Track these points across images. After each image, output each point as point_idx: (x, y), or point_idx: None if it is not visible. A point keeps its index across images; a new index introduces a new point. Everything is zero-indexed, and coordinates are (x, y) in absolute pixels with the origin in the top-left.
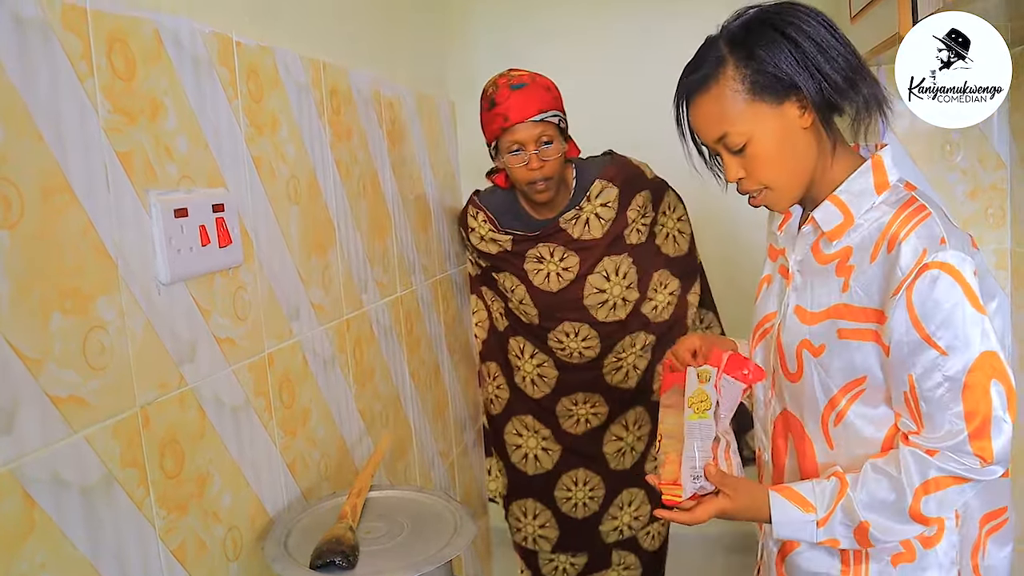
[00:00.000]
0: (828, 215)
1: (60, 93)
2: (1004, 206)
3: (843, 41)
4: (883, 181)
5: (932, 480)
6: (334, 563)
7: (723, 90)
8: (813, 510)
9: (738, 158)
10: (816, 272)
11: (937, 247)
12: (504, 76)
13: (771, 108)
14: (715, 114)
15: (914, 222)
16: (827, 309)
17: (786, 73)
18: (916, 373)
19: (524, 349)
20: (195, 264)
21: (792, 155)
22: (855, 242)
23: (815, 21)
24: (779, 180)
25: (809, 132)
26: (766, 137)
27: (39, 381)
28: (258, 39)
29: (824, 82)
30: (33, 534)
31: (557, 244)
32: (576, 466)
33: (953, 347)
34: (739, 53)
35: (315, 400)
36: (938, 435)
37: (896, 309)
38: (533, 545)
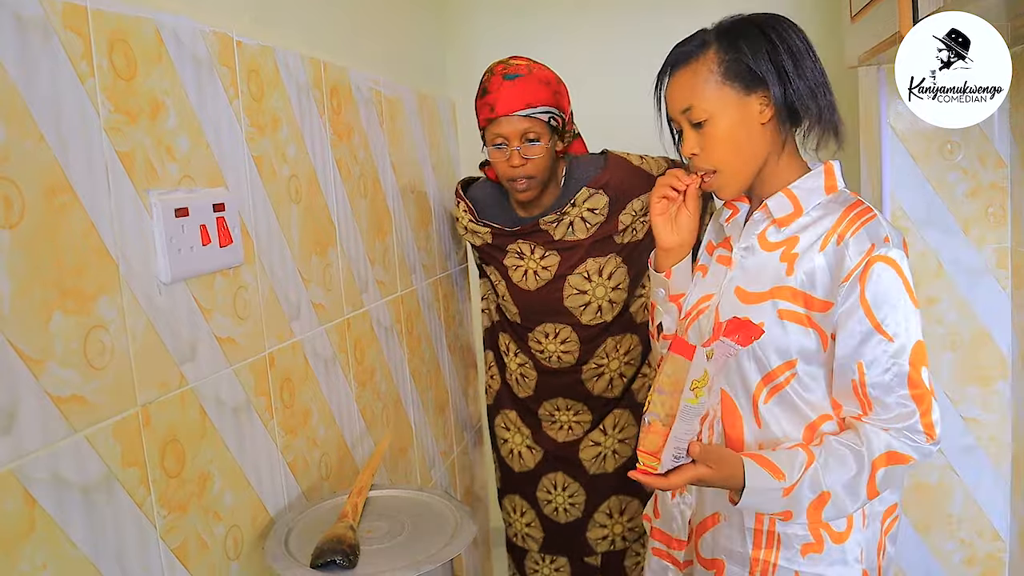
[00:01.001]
0: (780, 204)
1: (61, 92)
2: (1005, 205)
3: (815, 59)
4: (833, 185)
5: (887, 454)
6: (335, 562)
7: (700, 67)
8: (783, 477)
9: (696, 133)
10: (760, 258)
11: (883, 244)
12: (502, 63)
13: (737, 95)
14: (687, 86)
15: (861, 220)
16: (769, 290)
17: (759, 68)
18: (866, 360)
19: (510, 347)
20: (196, 264)
21: (745, 143)
22: (803, 233)
23: (796, 36)
24: (729, 164)
25: (765, 128)
26: (725, 119)
27: (40, 381)
28: (259, 39)
29: (789, 85)
30: (34, 533)
31: (537, 243)
32: (555, 469)
33: (897, 334)
34: (723, 41)
35: (316, 399)
36: (890, 416)
37: (847, 299)
38: (523, 543)
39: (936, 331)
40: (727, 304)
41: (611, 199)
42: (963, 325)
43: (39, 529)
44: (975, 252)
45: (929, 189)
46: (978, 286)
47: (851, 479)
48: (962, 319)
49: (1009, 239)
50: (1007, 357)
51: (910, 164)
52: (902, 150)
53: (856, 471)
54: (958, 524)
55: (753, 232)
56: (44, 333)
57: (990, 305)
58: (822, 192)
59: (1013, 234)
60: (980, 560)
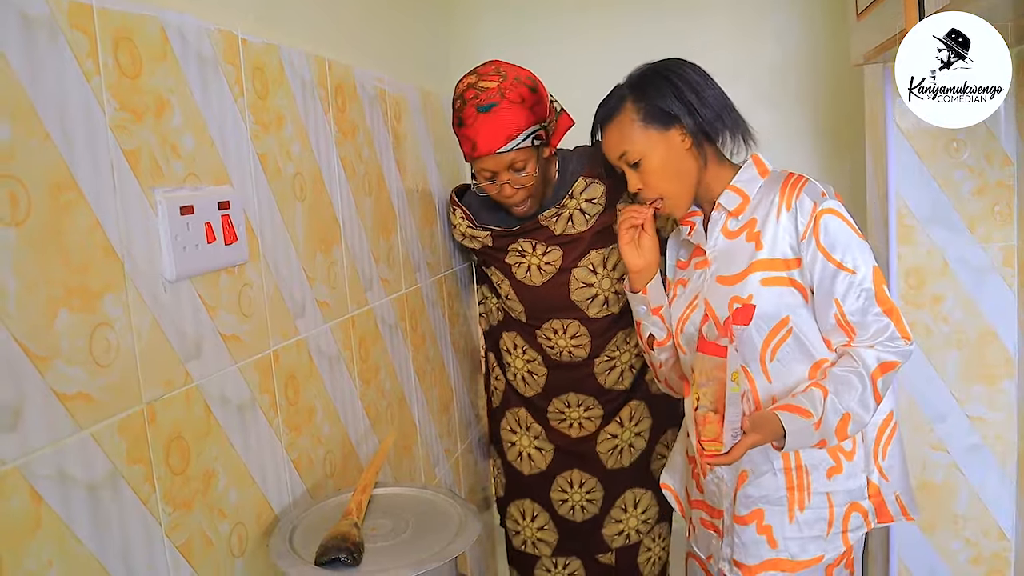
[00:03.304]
0: (730, 198)
1: (67, 91)
2: (1011, 203)
3: (714, 86)
4: (764, 169)
5: (879, 366)
6: (339, 560)
7: (623, 119)
8: (811, 415)
9: (636, 172)
10: (729, 247)
11: (821, 199)
12: (472, 88)
13: (659, 133)
14: (617, 137)
15: (799, 187)
16: (747, 267)
17: (669, 107)
18: (839, 295)
19: (516, 345)
20: (201, 261)
21: (677, 169)
22: (757, 214)
23: (693, 72)
24: (670, 189)
25: (690, 152)
26: (656, 156)
27: (46, 378)
28: (263, 37)
29: (697, 114)
30: (40, 530)
31: (539, 239)
32: (570, 467)
33: (857, 265)
34: (635, 93)
35: (320, 397)
36: (870, 334)
37: (809, 251)
38: (532, 549)
39: (942, 329)
40: (713, 293)
41: (608, 187)
42: (969, 323)
43: (45, 526)
44: (981, 250)
45: (935, 187)
46: (984, 284)
47: (860, 395)
48: (968, 317)
49: (1015, 237)
50: (1013, 356)
51: (916, 162)
52: (908, 148)
53: (861, 388)
54: (963, 523)
55: (716, 229)
56: (50, 331)
57: (996, 303)
58: (759, 178)
59: (1019, 232)
60: (986, 559)
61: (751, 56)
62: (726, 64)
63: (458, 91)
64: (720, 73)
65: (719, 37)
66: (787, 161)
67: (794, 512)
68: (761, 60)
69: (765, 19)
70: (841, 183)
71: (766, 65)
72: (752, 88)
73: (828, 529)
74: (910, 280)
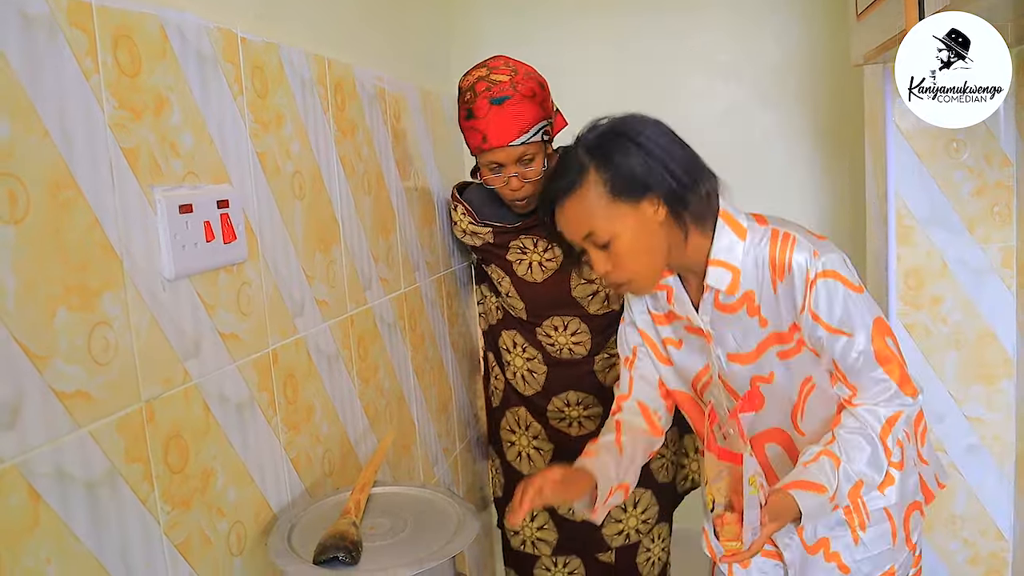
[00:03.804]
0: (719, 277)
1: (66, 89)
2: (1010, 204)
3: (682, 143)
4: (738, 227)
5: (885, 423)
6: (337, 559)
7: (587, 192)
8: (825, 489)
9: (604, 253)
10: (729, 321)
11: (813, 261)
12: (483, 81)
13: (630, 207)
14: (582, 214)
15: (788, 250)
16: (759, 344)
17: (640, 175)
18: (837, 356)
19: (515, 343)
20: (200, 260)
21: (651, 247)
22: (752, 285)
23: (658, 130)
24: (642, 270)
25: (664, 225)
26: (628, 233)
27: (44, 376)
28: (263, 35)
29: (671, 179)
30: (38, 528)
31: (540, 236)
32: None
33: (854, 328)
34: (599, 160)
35: (319, 396)
36: (872, 394)
37: (804, 320)
38: (532, 549)
39: (941, 330)
40: (731, 373)
41: None
42: (968, 324)
43: (43, 524)
44: (980, 251)
45: (934, 188)
46: (983, 285)
47: (870, 457)
48: (967, 318)
49: (1014, 238)
50: (1012, 356)
51: (915, 162)
52: (907, 148)
53: (871, 449)
54: (962, 524)
55: (707, 305)
56: (49, 329)
57: (995, 304)
58: (738, 241)
59: (1018, 233)
60: (983, 560)
61: (751, 56)
62: (726, 64)
63: (467, 83)
64: (720, 73)
65: (719, 37)
66: (786, 160)
67: (858, 534)
68: (761, 60)
69: (765, 19)
70: (841, 183)
71: (766, 65)
72: (752, 88)
73: (894, 540)
74: (909, 281)
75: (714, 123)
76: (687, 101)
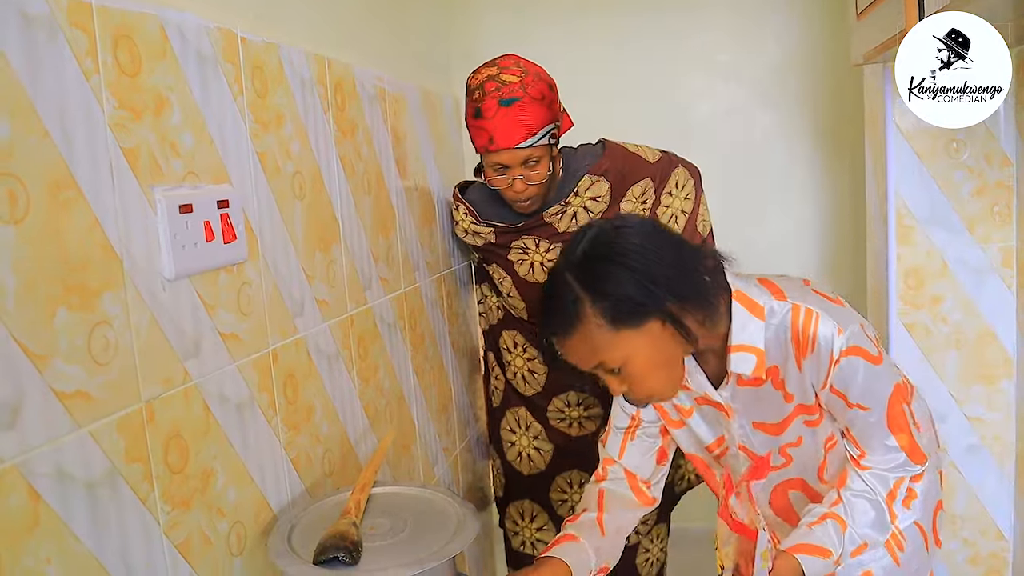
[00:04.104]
0: (744, 362)
1: (66, 89)
2: (1010, 204)
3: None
4: (755, 306)
5: (894, 488)
6: (338, 559)
7: (588, 327)
8: (830, 554)
9: (617, 377)
10: (753, 394)
11: (838, 339)
12: (493, 80)
13: (635, 331)
14: (586, 349)
15: (813, 325)
16: (789, 415)
17: (638, 300)
18: (849, 423)
19: (516, 343)
20: (200, 260)
21: (667, 360)
22: (776, 361)
23: (642, 238)
24: (661, 384)
25: (675, 336)
26: (639, 356)
27: (44, 376)
28: (263, 35)
29: (672, 295)
30: (38, 529)
31: (542, 236)
32: (570, 467)
33: (872, 402)
34: (591, 292)
35: (319, 396)
36: (881, 459)
37: (824, 393)
38: (532, 550)
39: (941, 330)
40: (758, 440)
41: (612, 185)
42: (968, 324)
43: (43, 524)
44: (980, 251)
45: (934, 187)
46: (983, 285)
47: (875, 519)
48: (967, 318)
49: (1014, 238)
50: (1012, 356)
51: (915, 162)
52: (907, 148)
53: (876, 513)
54: (962, 523)
55: (731, 384)
56: (49, 329)
57: (995, 304)
58: (757, 322)
59: (1018, 233)
60: (983, 559)
61: (751, 56)
62: (726, 64)
63: (476, 82)
64: (720, 73)
65: (719, 37)
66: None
67: (896, 555)
68: (761, 60)
69: (765, 19)
70: (841, 183)
71: (766, 65)
72: (752, 88)
73: (927, 547)
74: (909, 280)
75: (714, 123)
76: (687, 101)
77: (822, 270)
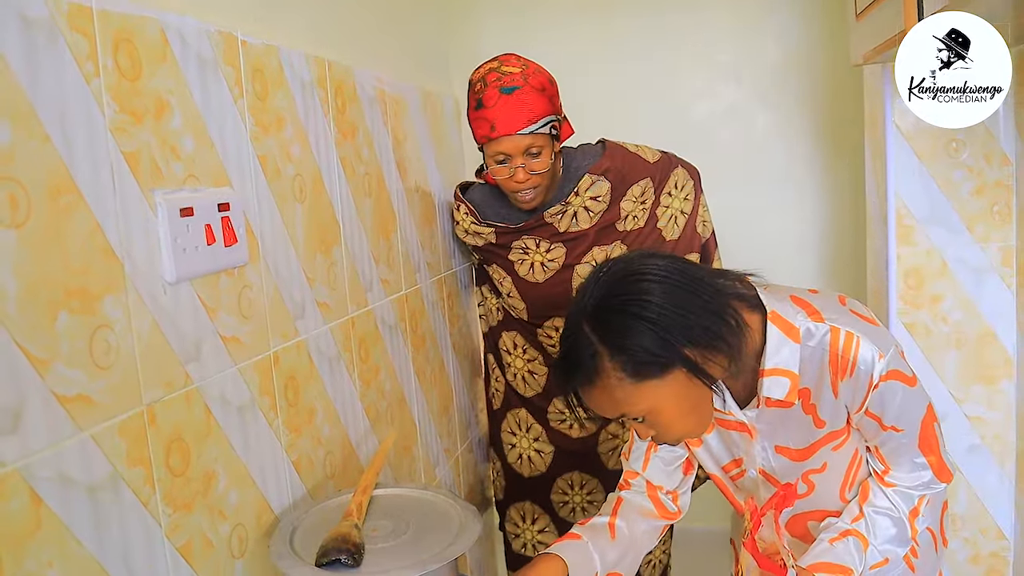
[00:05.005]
0: (777, 386)
1: (67, 93)
2: (1010, 203)
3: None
4: (789, 327)
5: (917, 505)
6: (339, 561)
7: (608, 382)
8: (851, 572)
9: (643, 424)
10: (779, 416)
11: (877, 363)
12: (495, 72)
13: (658, 381)
14: (609, 402)
15: (853, 350)
16: (816, 441)
17: (659, 354)
18: (880, 442)
19: (516, 344)
20: (201, 263)
21: (694, 407)
22: (809, 383)
23: (660, 285)
24: (689, 428)
25: (699, 383)
26: (665, 406)
27: (46, 380)
28: (263, 38)
29: (691, 343)
30: (40, 532)
31: (543, 237)
32: (571, 468)
33: (907, 424)
34: (609, 345)
35: (320, 398)
36: (907, 476)
37: (860, 417)
38: (533, 552)
39: (941, 329)
40: (780, 466)
41: (612, 185)
42: (968, 324)
43: (45, 528)
44: (980, 250)
45: (934, 187)
46: (983, 284)
47: (896, 535)
48: (967, 318)
49: (1014, 237)
50: (1012, 356)
51: (915, 162)
52: (907, 148)
53: (897, 530)
54: (962, 523)
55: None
56: (50, 333)
57: (995, 303)
58: (792, 344)
59: (1018, 232)
60: (984, 559)
61: (751, 56)
62: (726, 64)
63: (478, 75)
64: (720, 73)
65: (719, 37)
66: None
67: (912, 562)
68: (761, 60)
69: (765, 19)
70: (841, 183)
71: (766, 65)
72: (752, 88)
73: (936, 548)
74: (909, 280)
75: (714, 123)
76: (687, 101)
77: (822, 270)
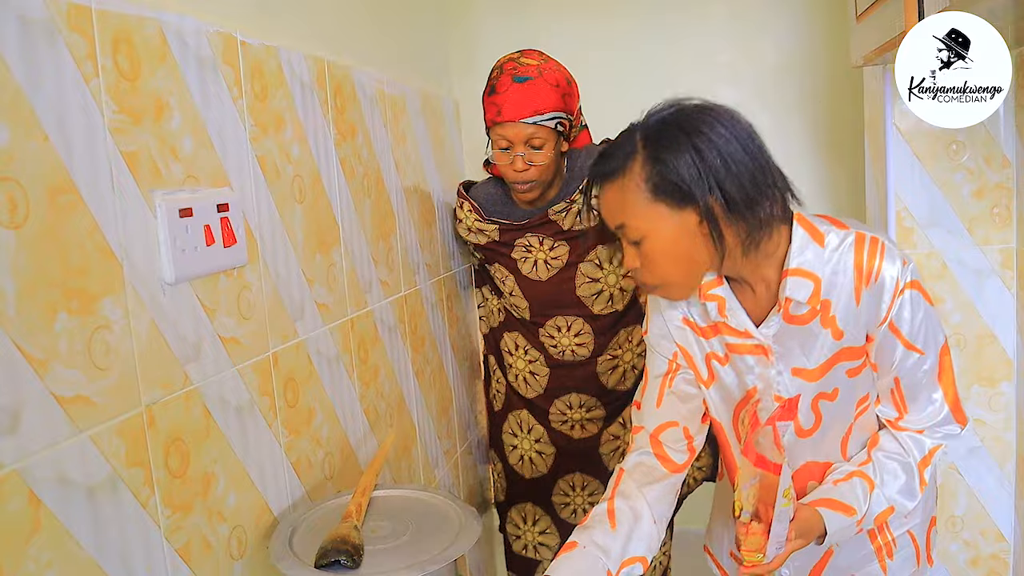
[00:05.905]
0: (799, 287)
1: (66, 93)
2: (1010, 205)
3: (755, 152)
4: (816, 232)
5: (928, 452)
6: (339, 562)
7: (627, 183)
8: (854, 512)
9: (635, 249)
10: (797, 334)
11: (903, 270)
12: (513, 61)
13: (670, 211)
14: (617, 204)
15: (878, 256)
16: (829, 359)
17: (686, 183)
18: (901, 374)
19: (517, 344)
20: (200, 264)
21: (687, 257)
22: (830, 295)
23: (728, 133)
24: (674, 278)
25: (707, 238)
26: (661, 237)
27: (44, 381)
28: (262, 38)
29: (723, 195)
30: (39, 533)
31: (546, 235)
32: (572, 470)
33: (927, 346)
34: (648, 151)
35: (319, 399)
36: (922, 416)
37: (881, 331)
38: (534, 554)
39: None
40: (794, 386)
41: None
42: (968, 326)
43: (44, 529)
44: (980, 253)
45: (934, 189)
46: (983, 287)
47: (904, 484)
48: (967, 320)
49: (1014, 240)
50: (1012, 358)
51: (915, 164)
52: (907, 150)
53: (907, 478)
54: (962, 525)
55: (777, 317)
56: (49, 333)
57: (995, 306)
58: (816, 248)
59: (1018, 235)
60: (984, 561)
61: (751, 57)
62: (726, 65)
63: (498, 64)
64: (720, 75)
65: (719, 38)
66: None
67: (885, 562)
68: (761, 61)
69: (765, 21)
70: (840, 185)
71: (766, 66)
72: (752, 90)
73: (918, 562)
74: None
75: None
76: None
77: None
